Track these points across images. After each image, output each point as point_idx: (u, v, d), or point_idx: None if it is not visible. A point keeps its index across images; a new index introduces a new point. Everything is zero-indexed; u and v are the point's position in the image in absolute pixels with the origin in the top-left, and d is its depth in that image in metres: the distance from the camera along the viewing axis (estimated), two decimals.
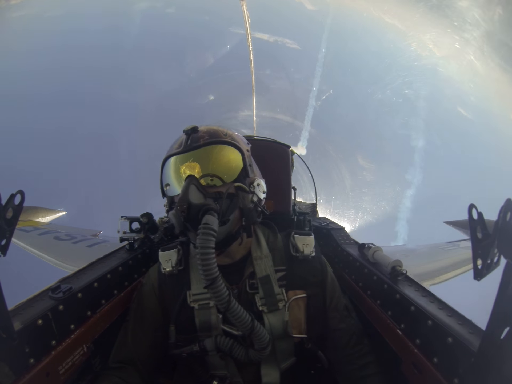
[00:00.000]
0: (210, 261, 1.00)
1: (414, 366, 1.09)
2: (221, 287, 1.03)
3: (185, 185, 1.11)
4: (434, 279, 2.97)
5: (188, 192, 1.09)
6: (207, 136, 1.19)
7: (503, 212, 0.69)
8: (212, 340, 1.18)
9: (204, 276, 1.01)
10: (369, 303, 1.45)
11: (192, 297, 1.22)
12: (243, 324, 1.08)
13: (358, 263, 1.61)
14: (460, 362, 0.88)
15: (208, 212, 1.05)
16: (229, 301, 1.04)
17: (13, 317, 0.94)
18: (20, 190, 0.81)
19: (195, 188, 1.11)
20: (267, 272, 1.25)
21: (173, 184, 1.23)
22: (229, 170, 1.20)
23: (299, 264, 1.29)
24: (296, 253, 1.30)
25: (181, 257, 1.31)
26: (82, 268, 1.37)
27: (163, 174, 1.27)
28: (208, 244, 1.00)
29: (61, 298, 1.09)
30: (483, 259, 0.74)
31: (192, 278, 1.26)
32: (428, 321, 1.03)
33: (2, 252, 0.78)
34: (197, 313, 1.20)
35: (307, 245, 1.30)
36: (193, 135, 1.20)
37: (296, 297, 1.24)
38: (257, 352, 1.15)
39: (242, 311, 1.08)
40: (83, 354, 1.18)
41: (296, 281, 1.27)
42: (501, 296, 0.70)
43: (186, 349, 1.21)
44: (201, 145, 1.17)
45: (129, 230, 1.74)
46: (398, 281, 1.31)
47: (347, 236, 2.06)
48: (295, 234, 1.34)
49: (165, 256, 1.31)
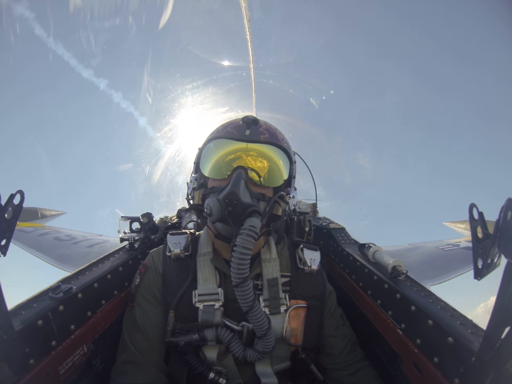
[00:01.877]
0: (245, 261, 1.01)
1: (414, 366, 1.09)
2: (249, 287, 1.03)
3: (236, 177, 1.09)
4: (434, 279, 2.97)
5: (239, 187, 1.06)
6: (267, 134, 1.18)
7: (503, 212, 0.69)
8: (213, 330, 1.17)
9: (236, 275, 1.01)
10: (370, 303, 1.45)
11: (198, 297, 1.20)
12: (260, 326, 1.09)
13: (358, 263, 1.60)
14: (460, 362, 0.88)
15: (254, 214, 1.05)
16: (253, 302, 1.05)
17: (13, 317, 0.94)
18: (20, 190, 0.81)
19: (244, 184, 1.09)
20: (275, 275, 1.25)
21: (217, 167, 1.20)
22: (277, 176, 1.20)
23: (304, 277, 1.30)
24: (303, 266, 1.31)
25: (190, 243, 1.31)
26: (82, 268, 1.37)
27: (206, 152, 1.24)
28: (249, 245, 1.00)
29: (61, 298, 1.09)
30: (484, 259, 0.73)
31: (199, 278, 1.24)
32: (429, 321, 1.03)
33: (2, 252, 0.77)
34: (200, 313, 1.19)
35: (314, 260, 1.32)
36: (253, 126, 1.18)
37: (297, 305, 1.24)
38: (256, 353, 1.15)
39: (263, 314, 1.09)
40: (83, 354, 1.18)
41: (299, 291, 1.27)
42: (501, 296, 0.70)
43: (184, 338, 1.18)
44: (261, 141, 1.16)
45: (129, 230, 1.75)
46: (399, 281, 1.31)
47: (348, 236, 2.06)
48: (304, 247, 1.35)
49: (174, 240, 1.31)
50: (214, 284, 1.22)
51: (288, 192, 1.24)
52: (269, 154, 1.19)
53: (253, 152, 1.18)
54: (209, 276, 1.23)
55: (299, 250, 1.34)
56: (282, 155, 1.21)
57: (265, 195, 1.16)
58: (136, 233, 1.76)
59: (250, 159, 1.18)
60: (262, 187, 1.17)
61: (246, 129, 1.17)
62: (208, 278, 1.22)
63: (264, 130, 1.19)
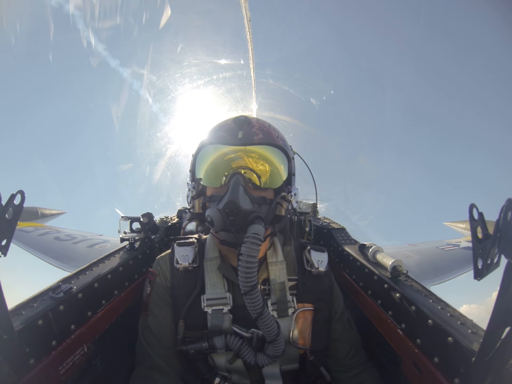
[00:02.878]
0: (253, 270, 1.00)
1: (414, 366, 1.09)
2: (257, 294, 1.03)
3: (234, 185, 1.06)
4: (434, 279, 2.97)
5: (237, 195, 1.04)
6: (261, 134, 1.14)
7: (504, 212, 0.68)
8: (222, 338, 1.17)
9: (244, 283, 1.01)
10: (370, 303, 1.45)
11: (206, 302, 1.19)
12: (270, 332, 1.09)
13: (358, 263, 1.60)
14: (461, 362, 0.88)
15: (257, 221, 1.03)
16: (262, 308, 1.05)
17: (13, 317, 0.94)
18: (20, 190, 0.81)
19: (243, 191, 1.07)
20: (282, 279, 1.25)
21: (213, 175, 1.16)
22: (276, 177, 1.18)
23: (311, 279, 1.29)
24: (310, 268, 1.29)
25: (197, 254, 1.29)
26: (82, 268, 1.37)
27: (200, 159, 1.20)
28: (254, 253, 1.00)
29: (62, 298, 1.09)
30: (484, 259, 0.73)
31: (207, 282, 1.23)
32: (429, 321, 1.03)
33: (2, 252, 0.77)
34: (209, 317, 1.19)
35: (321, 261, 1.30)
36: (245, 127, 1.14)
37: (304, 309, 1.24)
38: (267, 357, 1.15)
39: (272, 320, 1.09)
40: (83, 354, 1.18)
41: (306, 294, 1.26)
42: (502, 296, 0.69)
43: (194, 346, 1.18)
44: (255, 143, 1.13)
45: (130, 230, 1.75)
46: (399, 281, 1.31)
47: (348, 236, 2.06)
48: (311, 249, 1.33)
49: (181, 252, 1.28)
50: (222, 289, 1.21)
51: (290, 191, 1.22)
52: (265, 155, 1.16)
53: (248, 155, 1.15)
54: (217, 281, 1.22)
55: (306, 252, 1.32)
56: (279, 154, 1.18)
57: (266, 198, 1.14)
58: (136, 233, 1.76)
59: (247, 161, 1.15)
60: (262, 190, 1.15)
61: (238, 130, 1.13)
62: (216, 283, 1.22)
63: (257, 130, 1.15)
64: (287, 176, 1.21)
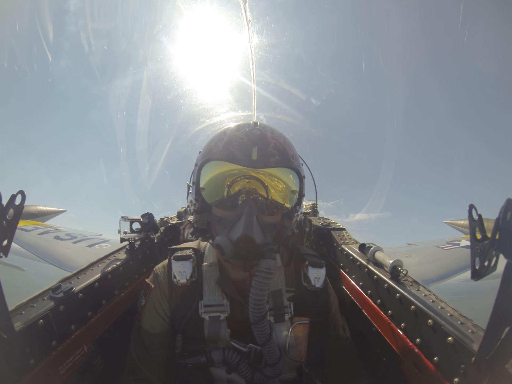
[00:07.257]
0: (263, 302, 1.02)
1: (414, 366, 1.09)
2: (266, 324, 1.04)
3: (247, 214, 1.02)
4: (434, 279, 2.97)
5: (252, 228, 1.00)
6: (277, 155, 1.06)
7: (503, 212, 0.68)
8: (220, 353, 1.17)
9: (255, 314, 1.02)
10: (370, 303, 1.45)
11: (204, 308, 1.18)
12: (273, 357, 1.12)
13: (358, 262, 1.60)
14: (460, 362, 0.88)
15: (269, 254, 1.02)
16: (270, 336, 1.06)
17: (13, 317, 0.94)
18: (21, 190, 0.81)
19: (256, 221, 1.03)
20: (280, 286, 1.25)
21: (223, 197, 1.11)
22: (287, 200, 1.15)
23: (308, 295, 1.28)
24: (307, 284, 1.28)
25: (195, 267, 1.24)
26: (82, 268, 1.37)
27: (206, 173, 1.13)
28: (265, 287, 1.01)
29: (62, 298, 1.09)
30: (482, 259, 0.73)
31: (205, 288, 1.22)
32: (429, 321, 1.03)
33: (3, 252, 0.77)
34: (206, 324, 1.18)
35: (318, 278, 1.28)
36: (260, 145, 1.05)
37: (300, 322, 1.24)
38: (265, 377, 1.17)
39: (276, 346, 1.11)
40: (83, 354, 1.18)
41: (302, 308, 1.26)
42: (501, 296, 0.70)
43: (192, 360, 1.18)
44: (272, 165, 1.06)
45: (130, 230, 1.75)
46: (399, 280, 1.31)
47: (348, 236, 2.06)
48: (309, 264, 1.31)
49: (179, 267, 1.22)
50: (220, 296, 1.21)
51: (297, 210, 1.18)
52: (280, 176, 1.11)
53: (261, 176, 1.10)
54: (215, 288, 1.22)
55: (304, 267, 1.30)
56: (293, 177, 1.14)
57: (276, 225, 1.12)
58: (136, 233, 1.76)
59: (260, 184, 1.10)
60: (276, 217, 1.13)
61: (252, 147, 1.04)
62: (214, 290, 1.21)
63: (273, 149, 1.06)
64: (298, 198, 1.18)
